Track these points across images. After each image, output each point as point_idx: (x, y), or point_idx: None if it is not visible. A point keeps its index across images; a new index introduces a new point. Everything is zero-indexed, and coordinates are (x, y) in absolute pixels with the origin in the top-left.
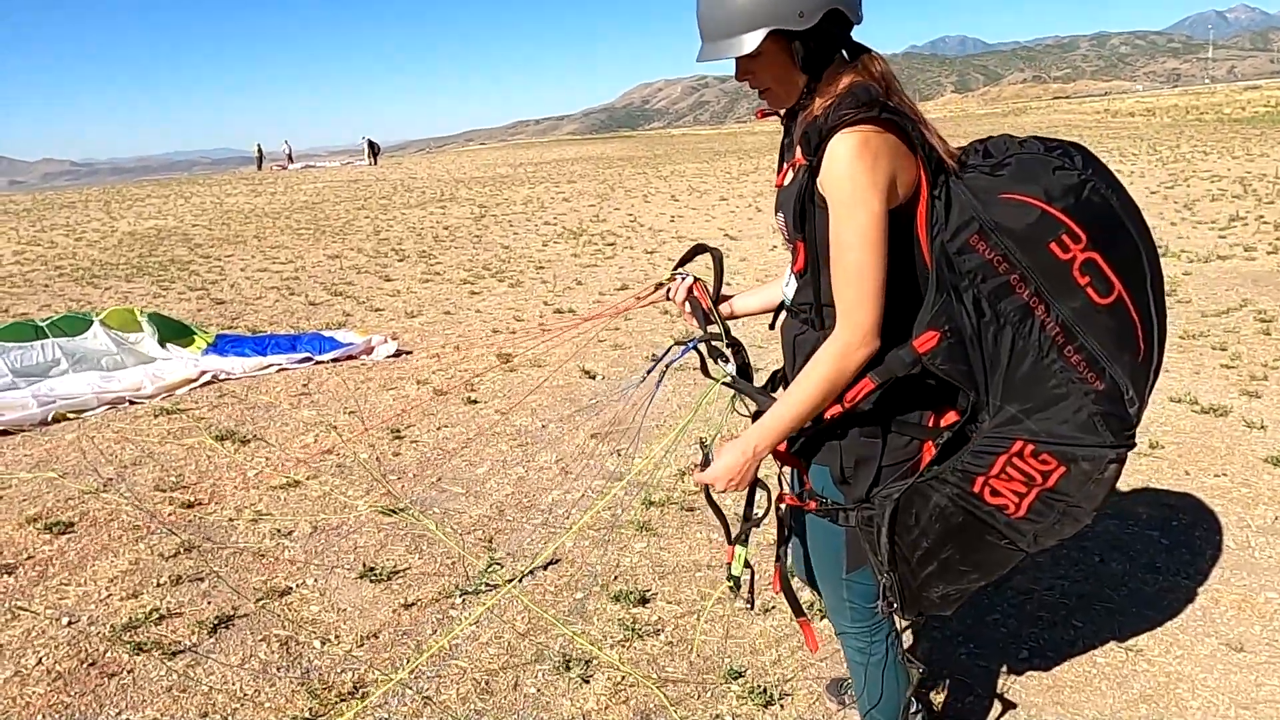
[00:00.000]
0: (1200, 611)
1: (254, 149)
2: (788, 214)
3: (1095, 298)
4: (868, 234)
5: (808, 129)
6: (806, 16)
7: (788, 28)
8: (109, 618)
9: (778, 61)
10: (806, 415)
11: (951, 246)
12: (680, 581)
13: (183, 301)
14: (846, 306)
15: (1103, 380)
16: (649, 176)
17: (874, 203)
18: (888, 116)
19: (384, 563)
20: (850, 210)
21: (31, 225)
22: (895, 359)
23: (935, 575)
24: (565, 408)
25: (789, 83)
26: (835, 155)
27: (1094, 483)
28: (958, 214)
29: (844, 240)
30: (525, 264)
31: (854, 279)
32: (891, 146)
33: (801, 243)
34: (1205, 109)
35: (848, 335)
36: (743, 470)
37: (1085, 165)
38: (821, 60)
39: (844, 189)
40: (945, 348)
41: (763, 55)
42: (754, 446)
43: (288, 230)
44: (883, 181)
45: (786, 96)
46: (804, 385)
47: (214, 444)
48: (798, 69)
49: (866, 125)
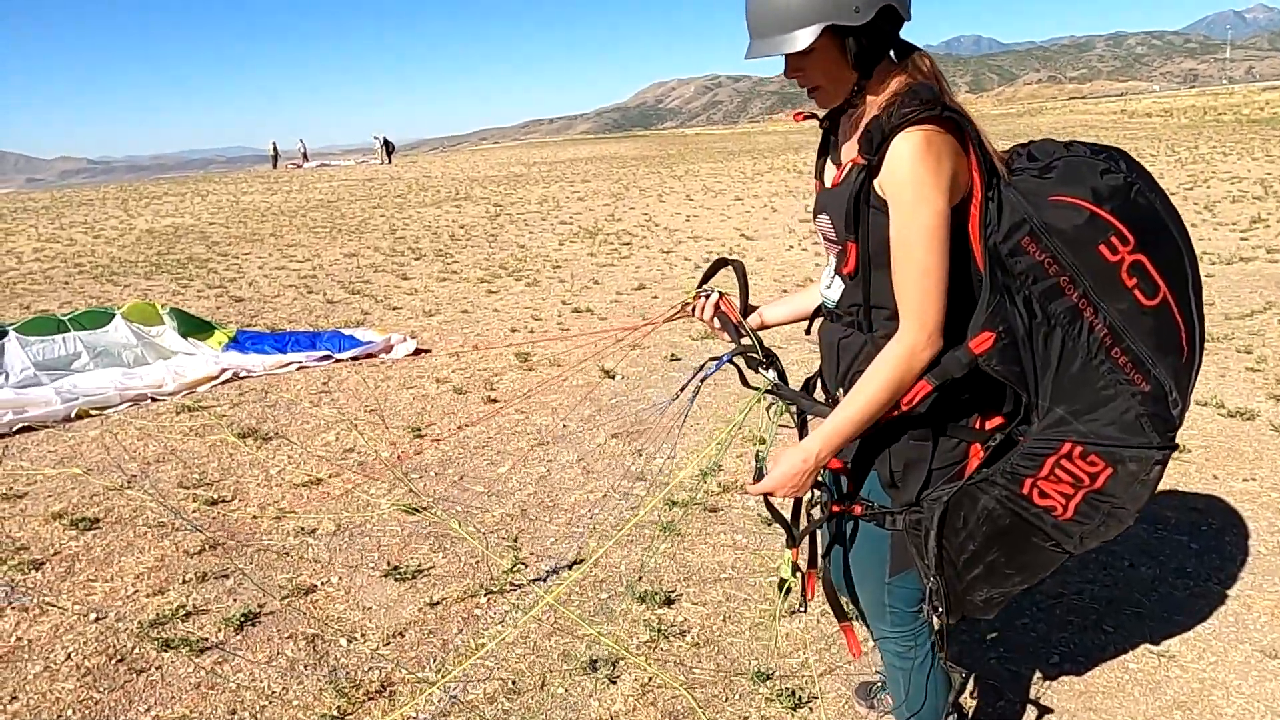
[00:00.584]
0: (1233, 617)
1: (269, 147)
2: (837, 215)
3: (1142, 299)
4: (933, 233)
5: (869, 128)
6: (862, 12)
7: (843, 23)
8: (136, 614)
9: (830, 58)
10: (870, 419)
11: (1004, 248)
12: (705, 583)
13: (201, 299)
14: (911, 306)
15: (1148, 381)
16: (663, 176)
17: (938, 201)
18: (949, 115)
19: (408, 561)
20: (915, 209)
21: (50, 223)
22: (952, 360)
23: (981, 578)
24: (585, 407)
25: (840, 80)
26: (899, 154)
27: (1139, 484)
28: (1009, 216)
29: (909, 239)
30: (542, 263)
31: (919, 278)
32: (952, 146)
33: (854, 244)
34: (1223, 110)
35: (913, 336)
36: (803, 477)
37: (1130, 169)
38: (873, 58)
39: (909, 188)
40: (1000, 349)
41: (815, 52)
42: (815, 453)
43: (304, 228)
44: (945, 181)
45: (836, 95)
46: (867, 388)
47: (236, 441)
48: (849, 66)
49: (930, 124)
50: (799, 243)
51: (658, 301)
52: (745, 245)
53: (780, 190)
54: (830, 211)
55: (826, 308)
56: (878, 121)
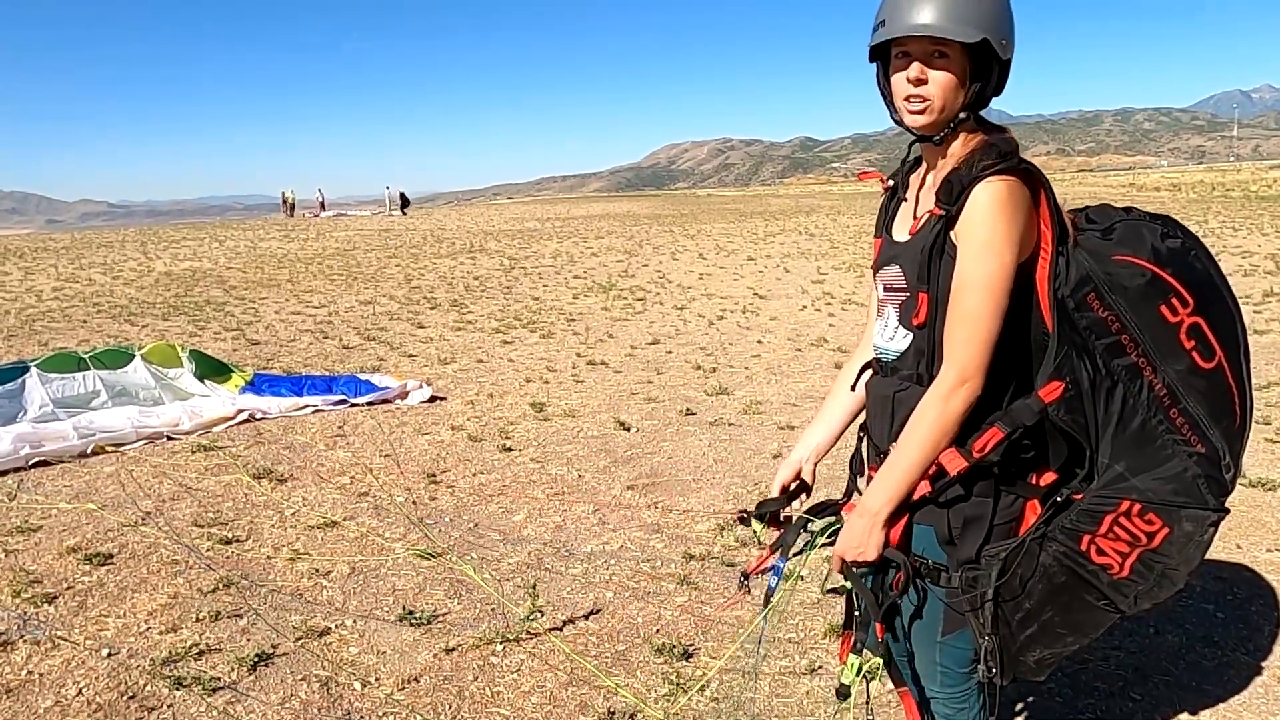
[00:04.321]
0: (1263, 688)
1: (288, 194)
2: (910, 265)
3: (1199, 362)
4: (994, 283)
5: (949, 178)
6: (1006, 48)
7: (994, 45)
8: (149, 650)
9: (958, 75)
10: (921, 466)
11: (1070, 303)
12: (724, 637)
13: (218, 341)
14: (954, 346)
15: (1204, 444)
16: (676, 235)
17: (1006, 254)
18: (1027, 168)
19: (423, 606)
20: (981, 255)
21: (70, 263)
22: (1023, 408)
23: (1035, 637)
24: (601, 458)
25: (950, 103)
26: (977, 202)
27: (1194, 545)
28: (1075, 271)
29: (968, 283)
30: (556, 315)
31: (969, 321)
32: (1027, 200)
33: (925, 294)
34: (1231, 186)
35: (952, 375)
36: (867, 536)
37: (1186, 235)
38: (982, 98)
39: (980, 235)
40: (1067, 399)
41: (955, 59)
42: (872, 509)
43: (320, 275)
44: (1017, 235)
45: (938, 116)
46: (913, 434)
47: (251, 481)
48: (964, 95)
49: (1010, 175)
50: (812, 303)
51: (672, 357)
52: (759, 304)
53: (793, 252)
54: (902, 262)
55: (882, 361)
56: (958, 173)
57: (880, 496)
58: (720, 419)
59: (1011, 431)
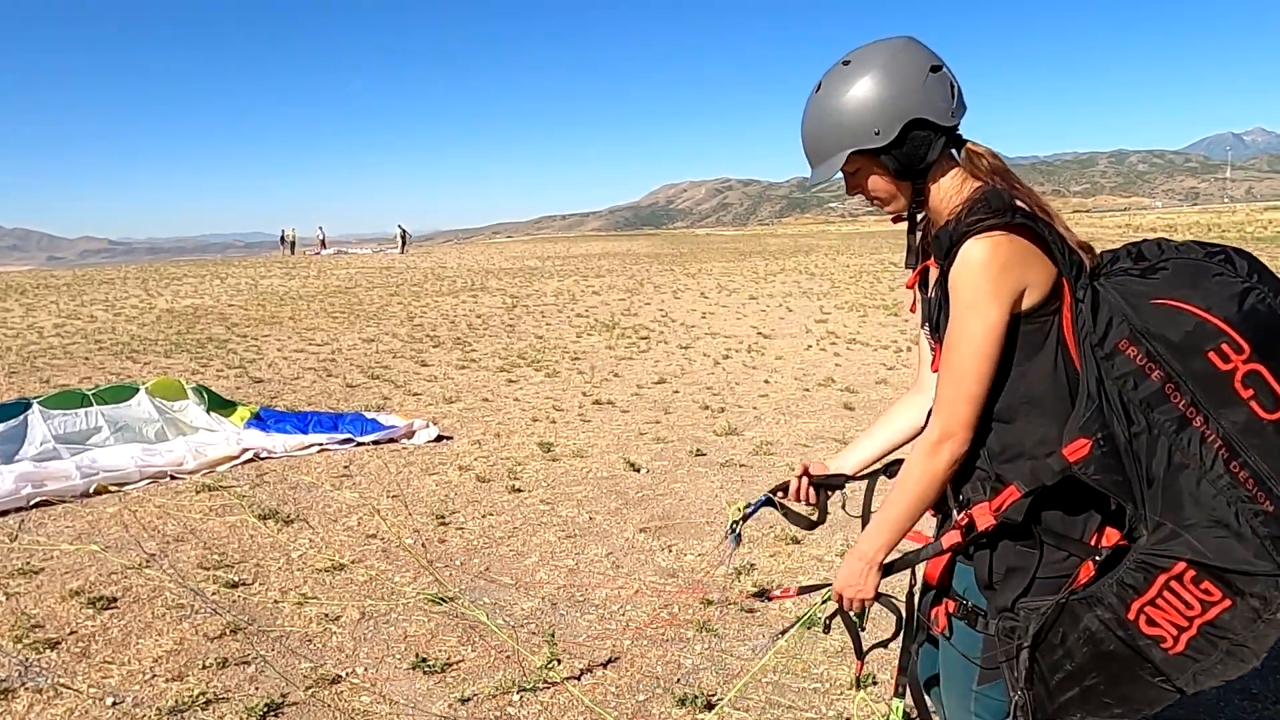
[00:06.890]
0: None
1: (289, 232)
2: (927, 317)
3: (1260, 412)
4: (978, 341)
5: (939, 235)
6: (883, 133)
7: (866, 147)
8: (155, 699)
9: (874, 175)
10: (910, 515)
11: (1100, 351)
12: (747, 686)
13: (221, 378)
14: (940, 402)
15: (1272, 501)
16: (677, 274)
17: (991, 313)
18: (1020, 221)
19: (436, 653)
20: (965, 314)
21: (71, 299)
22: (1043, 467)
23: (1075, 701)
24: (611, 500)
25: (895, 191)
26: (964, 259)
27: (1264, 621)
28: (1104, 315)
29: (953, 341)
30: (560, 354)
31: (954, 379)
32: (1022, 251)
33: (938, 346)
34: (1227, 227)
35: (935, 431)
36: (862, 577)
37: (1250, 272)
38: (915, 167)
39: (965, 293)
40: (1098, 456)
41: (859, 172)
42: (866, 553)
43: (322, 313)
44: (1006, 291)
45: (897, 204)
46: (902, 486)
47: (257, 523)
48: (894, 178)
49: (998, 231)
50: (817, 342)
51: (679, 396)
52: (764, 343)
53: (794, 290)
54: (926, 316)
55: None
56: (946, 228)
57: (873, 541)
58: (731, 460)
59: (1030, 491)
